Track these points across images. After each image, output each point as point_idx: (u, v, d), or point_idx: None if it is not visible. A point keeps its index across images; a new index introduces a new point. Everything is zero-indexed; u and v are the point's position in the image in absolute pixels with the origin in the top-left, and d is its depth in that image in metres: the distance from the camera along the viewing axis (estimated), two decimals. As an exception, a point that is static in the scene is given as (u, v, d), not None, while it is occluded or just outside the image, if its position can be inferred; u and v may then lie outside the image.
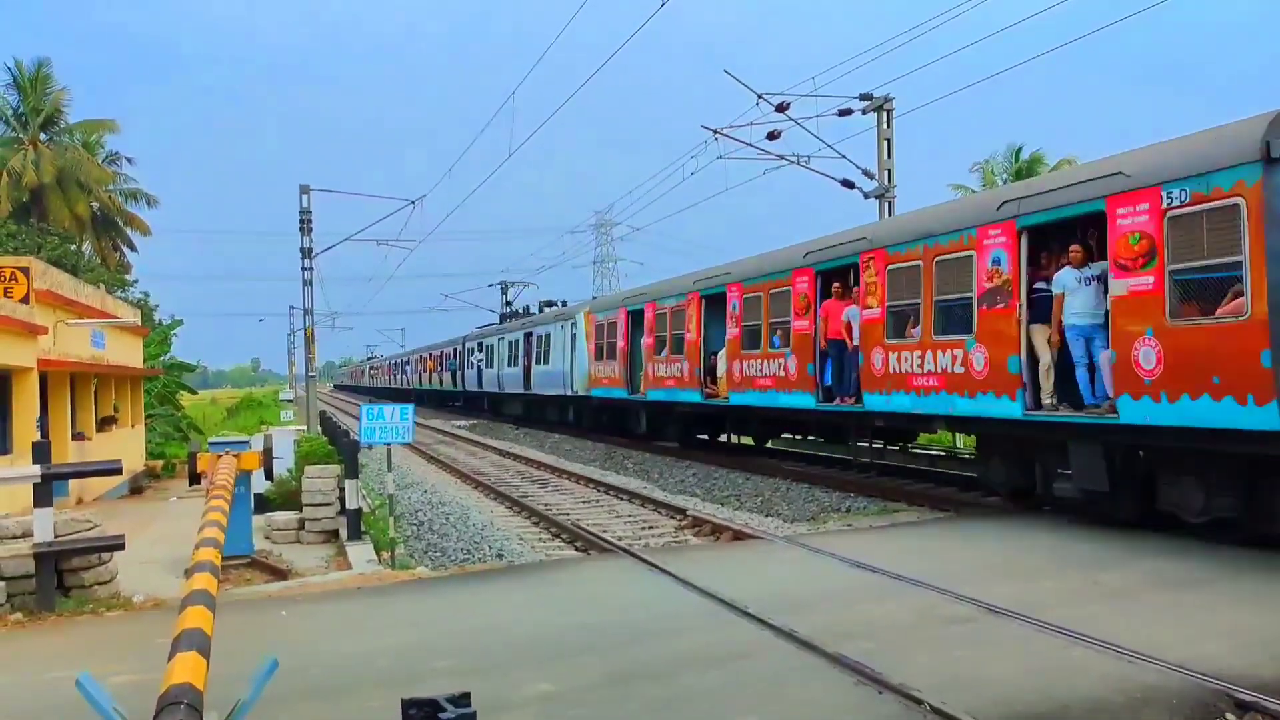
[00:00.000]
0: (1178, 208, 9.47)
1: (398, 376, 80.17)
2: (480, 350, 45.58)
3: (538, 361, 35.08)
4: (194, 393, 44.20)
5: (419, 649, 7.21)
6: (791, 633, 7.08)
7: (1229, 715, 5.46)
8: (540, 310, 40.32)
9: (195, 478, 11.91)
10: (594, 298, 31.70)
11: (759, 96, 20.80)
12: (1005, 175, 40.74)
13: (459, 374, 51.60)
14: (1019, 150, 41.57)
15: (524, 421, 39.76)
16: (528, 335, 36.89)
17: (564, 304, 37.86)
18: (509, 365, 39.53)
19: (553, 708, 5.88)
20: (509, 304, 50.56)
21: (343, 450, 14.02)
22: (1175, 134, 10.47)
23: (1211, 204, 9.13)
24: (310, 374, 31.83)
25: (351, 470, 12.86)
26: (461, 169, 27.85)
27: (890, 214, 21.21)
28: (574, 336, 30.17)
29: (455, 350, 53.06)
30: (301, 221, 30.62)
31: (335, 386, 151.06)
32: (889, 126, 21.93)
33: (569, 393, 31.01)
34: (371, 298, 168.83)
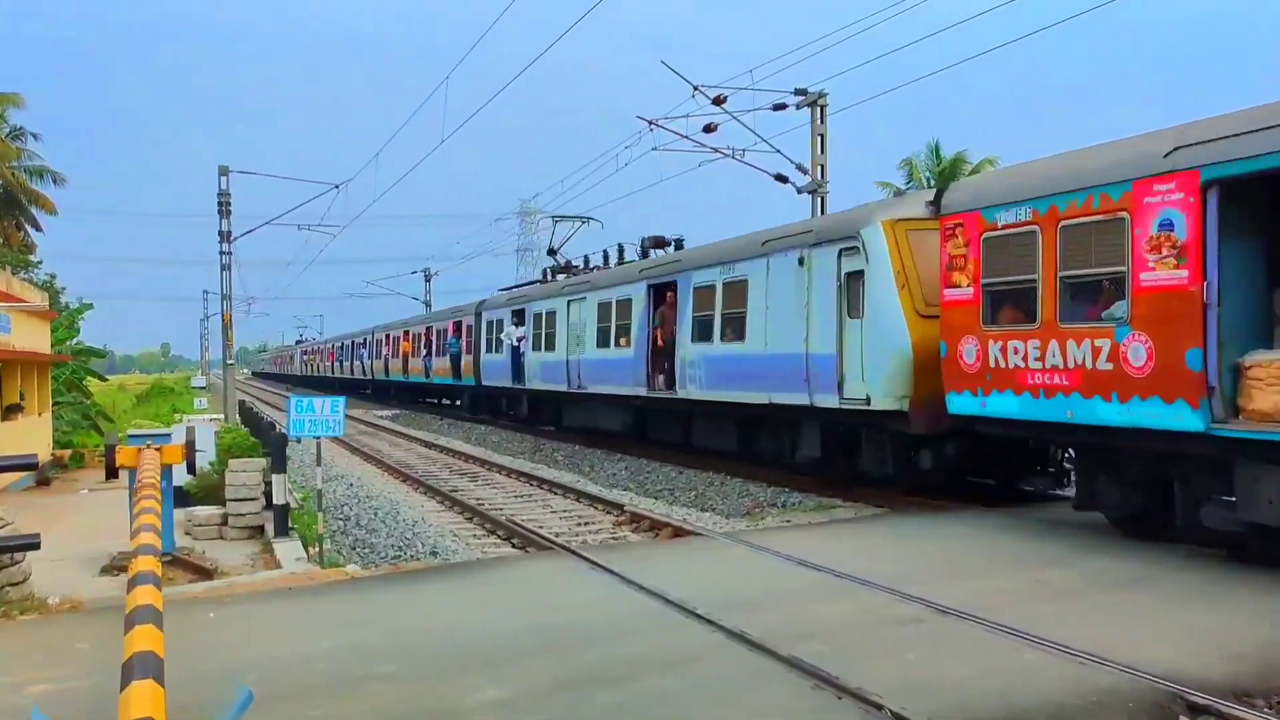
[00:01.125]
0: None
1: (345, 363, 61.94)
2: (520, 322, 28.58)
3: (702, 336, 17.63)
4: (103, 379, 42.56)
5: (359, 652, 6.94)
6: (743, 634, 6.97)
7: (1183, 719, 5.50)
8: (644, 253, 23.35)
9: (113, 470, 11.36)
10: (896, 194, 16.00)
11: (695, 88, 20.71)
12: (929, 173, 41.38)
13: (466, 360, 34.22)
14: (937, 146, 42.18)
15: (630, 446, 22.38)
16: (661, 289, 19.70)
17: (677, 243, 22.88)
18: (600, 345, 22.39)
19: (506, 715, 5.68)
20: (553, 251, 29.99)
21: (270, 443, 13.56)
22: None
23: None
24: (228, 361, 30.90)
25: (279, 464, 12.44)
26: (389, 154, 27.22)
27: (824, 210, 21.30)
28: (840, 281, 13.96)
29: (459, 325, 35.60)
30: (220, 204, 29.73)
31: (254, 374, 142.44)
32: (823, 122, 22.02)
33: (827, 399, 14.15)
34: (290, 283, 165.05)
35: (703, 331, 17.76)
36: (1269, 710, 5.57)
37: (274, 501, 12.36)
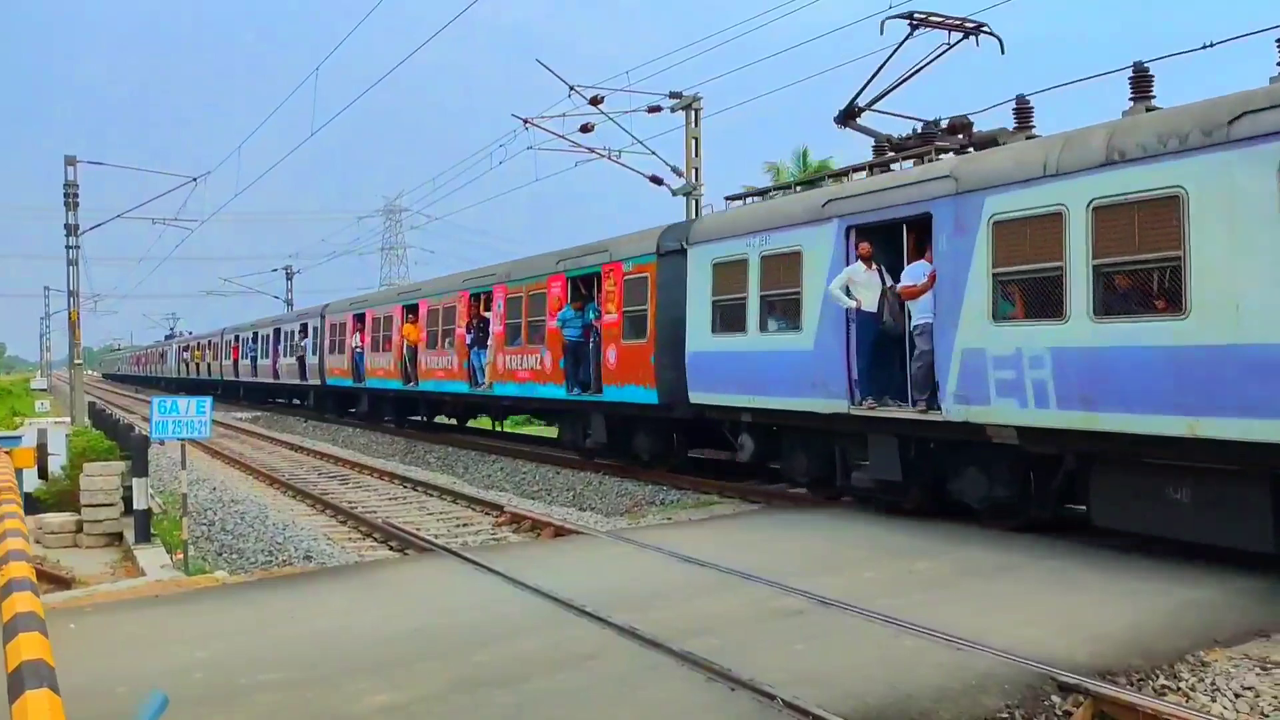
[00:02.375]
0: None
1: (262, 361, 43.65)
2: (895, 252, 11.83)
3: None
4: (-66, 381, 39.79)
5: (238, 661, 6.70)
6: (634, 631, 7.02)
7: (1054, 698, 5.80)
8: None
9: (-43, 477, 10.63)
10: None
11: (571, 88, 20.67)
12: (793, 178, 42.33)
13: (621, 353, 16.65)
14: (805, 152, 43.21)
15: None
16: None
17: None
18: None
19: (400, 720, 5.58)
20: (855, 113, 13.06)
21: (130, 446, 12.95)
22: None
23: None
24: (76, 361, 29.35)
25: (140, 467, 11.89)
26: (252, 148, 26.30)
27: (697, 213, 21.56)
28: None
29: (583, 284, 18.55)
30: (67, 196, 28.21)
31: (106, 376, 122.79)
32: (696, 125, 22.31)
33: None
34: (142, 280, 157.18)
35: None
36: (1131, 686, 5.94)
37: (135, 507, 11.80)
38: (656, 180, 22.27)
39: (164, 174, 38.18)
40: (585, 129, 21.07)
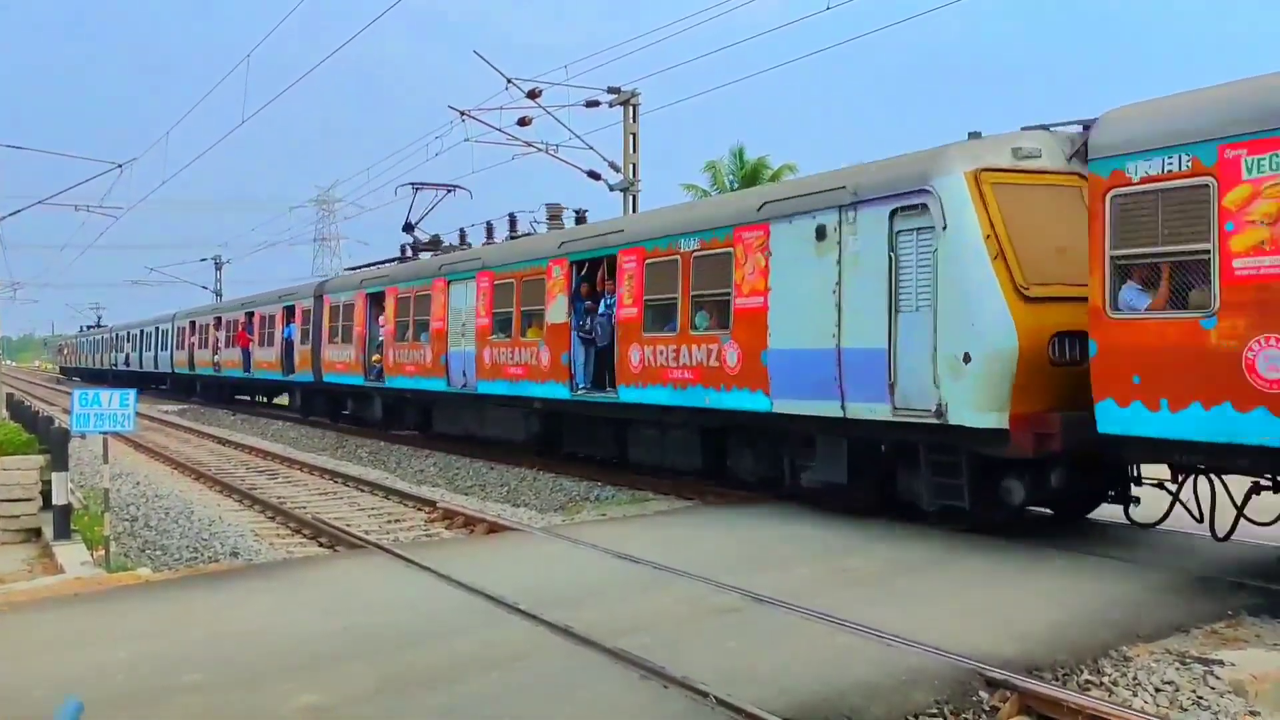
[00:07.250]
0: None
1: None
2: None
3: None
4: None
5: (161, 661, 6.54)
6: (568, 629, 6.98)
7: (982, 693, 5.89)
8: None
9: None
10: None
11: (509, 81, 20.55)
12: (731, 176, 42.52)
13: None
14: (741, 150, 43.38)
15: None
16: None
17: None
18: None
19: (327, 722, 5.48)
20: None
21: (50, 439, 12.54)
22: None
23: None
24: (-7, 351, 28.25)
25: (60, 462, 11.54)
26: (181, 134, 25.60)
27: (635, 209, 21.54)
28: None
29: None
30: (-16, 180, 27.31)
31: (67, 371, 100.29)
32: (635, 121, 22.32)
33: None
34: (64, 269, 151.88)
35: None
36: (1056, 681, 6.06)
37: (54, 502, 11.44)
38: (594, 175, 22.24)
39: (88, 159, 36.72)
40: (523, 122, 20.96)
